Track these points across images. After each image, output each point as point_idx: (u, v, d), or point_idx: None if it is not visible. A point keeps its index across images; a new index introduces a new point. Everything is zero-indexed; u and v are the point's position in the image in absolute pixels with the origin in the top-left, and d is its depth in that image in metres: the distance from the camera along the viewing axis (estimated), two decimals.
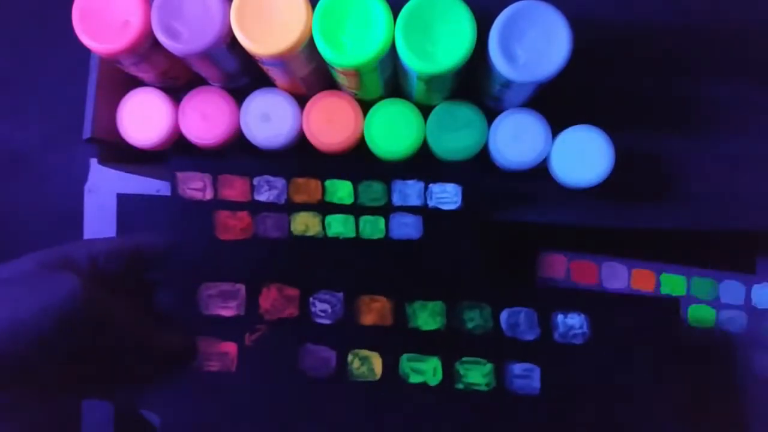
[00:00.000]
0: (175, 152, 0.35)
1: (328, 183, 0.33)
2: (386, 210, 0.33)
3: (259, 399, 0.32)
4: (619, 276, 0.38)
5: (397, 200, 0.33)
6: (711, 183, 0.34)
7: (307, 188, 0.33)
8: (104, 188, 0.43)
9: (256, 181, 0.33)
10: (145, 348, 0.30)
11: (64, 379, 0.28)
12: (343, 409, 0.32)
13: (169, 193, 0.33)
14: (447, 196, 0.33)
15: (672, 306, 0.33)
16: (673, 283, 0.38)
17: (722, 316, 0.38)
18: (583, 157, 0.32)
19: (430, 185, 0.33)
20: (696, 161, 0.34)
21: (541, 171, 0.33)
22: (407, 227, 0.33)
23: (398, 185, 0.33)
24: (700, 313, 0.38)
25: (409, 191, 0.33)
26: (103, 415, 0.42)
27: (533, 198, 0.34)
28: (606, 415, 0.32)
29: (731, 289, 0.38)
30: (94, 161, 0.37)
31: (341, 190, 0.33)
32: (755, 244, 0.39)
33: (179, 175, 0.33)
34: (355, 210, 0.33)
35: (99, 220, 0.42)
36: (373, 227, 0.33)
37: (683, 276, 0.38)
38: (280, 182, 0.33)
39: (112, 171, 0.36)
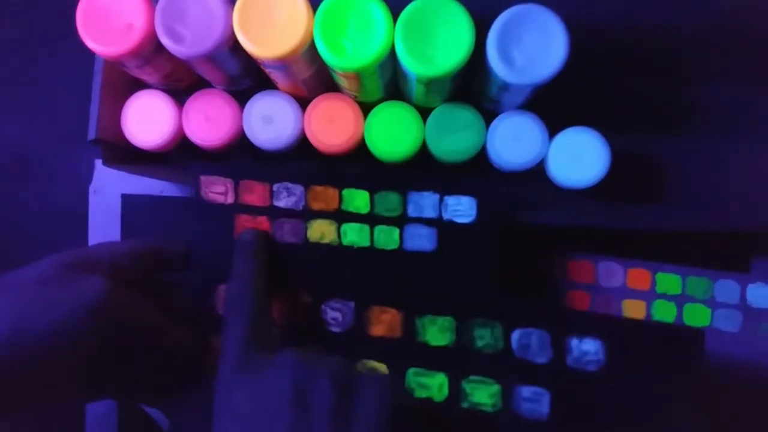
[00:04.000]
0: (198, 157, 0.35)
1: (345, 192, 0.33)
2: (401, 221, 0.33)
3: None
4: (615, 275, 0.39)
5: (412, 211, 0.33)
6: (706, 183, 0.35)
7: (325, 196, 0.33)
8: (109, 189, 0.43)
9: (275, 187, 0.33)
10: (163, 345, 0.30)
11: (90, 378, 0.28)
12: None
13: (172, 194, 0.34)
14: (462, 209, 0.33)
15: (695, 338, 0.31)
16: (668, 283, 0.38)
17: (717, 315, 0.38)
18: (579, 158, 0.32)
19: (445, 197, 0.33)
20: (691, 162, 0.35)
21: (538, 172, 0.33)
22: (421, 239, 0.33)
23: (414, 196, 0.33)
24: (695, 312, 0.38)
25: (424, 203, 0.33)
26: (106, 415, 0.42)
27: (531, 199, 0.35)
28: None
29: (726, 289, 0.39)
30: (98, 162, 0.37)
31: (358, 199, 0.33)
32: (750, 244, 0.39)
33: (202, 178, 0.33)
34: (371, 219, 0.33)
35: (104, 220, 0.42)
36: (387, 237, 0.33)
37: (678, 275, 0.39)
38: (298, 189, 0.33)
39: (117, 172, 0.36)
